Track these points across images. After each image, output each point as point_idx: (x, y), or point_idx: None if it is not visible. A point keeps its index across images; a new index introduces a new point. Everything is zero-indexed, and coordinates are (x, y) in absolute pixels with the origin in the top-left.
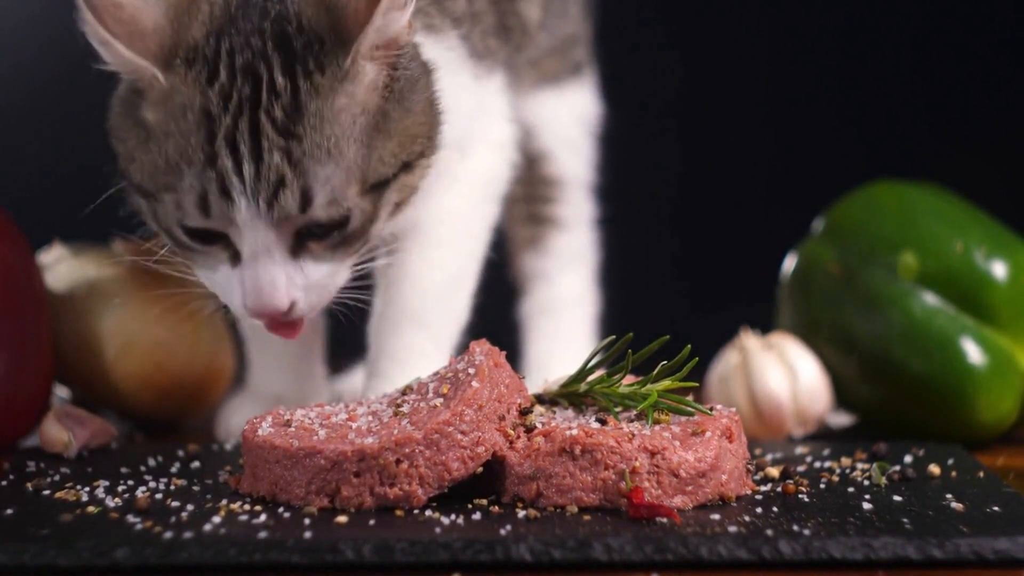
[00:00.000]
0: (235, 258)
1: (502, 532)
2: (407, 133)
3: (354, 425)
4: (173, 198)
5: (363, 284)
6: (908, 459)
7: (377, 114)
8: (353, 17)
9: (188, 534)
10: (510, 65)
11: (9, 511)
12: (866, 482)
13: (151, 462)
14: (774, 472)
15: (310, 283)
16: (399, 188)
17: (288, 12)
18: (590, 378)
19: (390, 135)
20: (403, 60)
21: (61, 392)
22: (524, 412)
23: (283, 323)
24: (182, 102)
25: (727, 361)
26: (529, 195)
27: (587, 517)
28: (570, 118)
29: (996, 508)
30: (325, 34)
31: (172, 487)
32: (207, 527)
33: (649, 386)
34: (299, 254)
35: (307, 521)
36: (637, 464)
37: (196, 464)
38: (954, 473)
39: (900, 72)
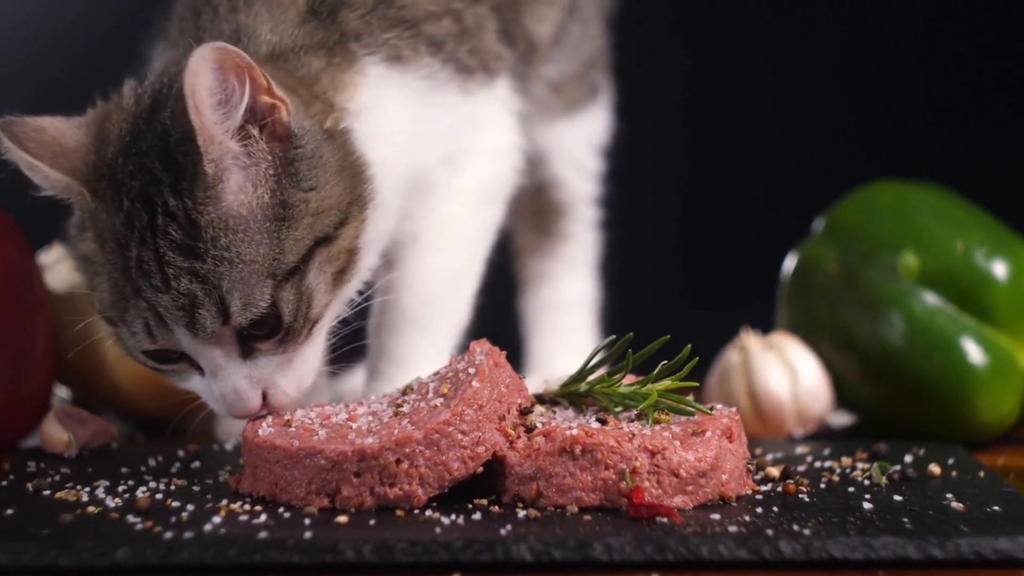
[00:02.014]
0: (200, 370)
1: (502, 532)
2: (315, 213)
3: (354, 425)
4: (125, 326)
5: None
6: (908, 459)
7: (274, 206)
8: (187, 118)
9: (188, 534)
10: (518, 74)
11: (9, 511)
12: (866, 482)
13: (151, 462)
14: (774, 472)
15: (271, 376)
16: (328, 260)
17: (168, 125)
18: (590, 378)
19: (296, 220)
20: (295, 139)
21: (61, 392)
22: (524, 412)
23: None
24: (102, 233)
25: (727, 361)
26: (537, 210)
27: (587, 517)
28: (582, 145)
29: (996, 508)
30: (188, 143)
31: (172, 487)
32: (207, 527)
33: (649, 386)
34: (250, 355)
35: (307, 521)
36: (637, 464)
37: (196, 464)
38: (954, 473)
39: (900, 72)
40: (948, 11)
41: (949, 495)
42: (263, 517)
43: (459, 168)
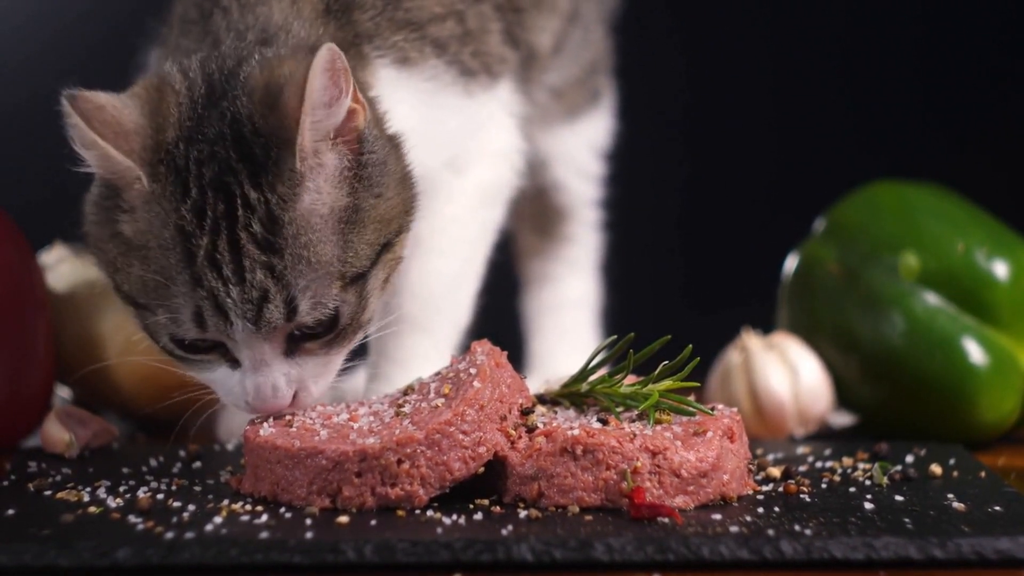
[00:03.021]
0: (233, 363)
1: (504, 532)
2: (382, 219)
3: (355, 425)
4: (167, 313)
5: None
6: (909, 459)
7: (347, 209)
8: (290, 114)
9: (189, 534)
10: (520, 76)
11: (10, 511)
12: (868, 482)
13: (152, 462)
14: (776, 472)
15: (306, 376)
16: (384, 266)
17: (240, 114)
18: (592, 378)
19: (365, 226)
20: (367, 145)
21: (62, 392)
22: (526, 412)
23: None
24: (159, 218)
25: (729, 361)
26: (538, 213)
27: (589, 517)
28: (584, 149)
29: (997, 508)
30: (273, 137)
31: (173, 487)
32: (208, 527)
33: (651, 386)
34: (294, 353)
35: (309, 521)
36: (639, 464)
37: (198, 464)
38: (955, 473)
39: (901, 73)
40: (948, 11)
41: (950, 495)
42: (264, 517)
43: (460, 170)
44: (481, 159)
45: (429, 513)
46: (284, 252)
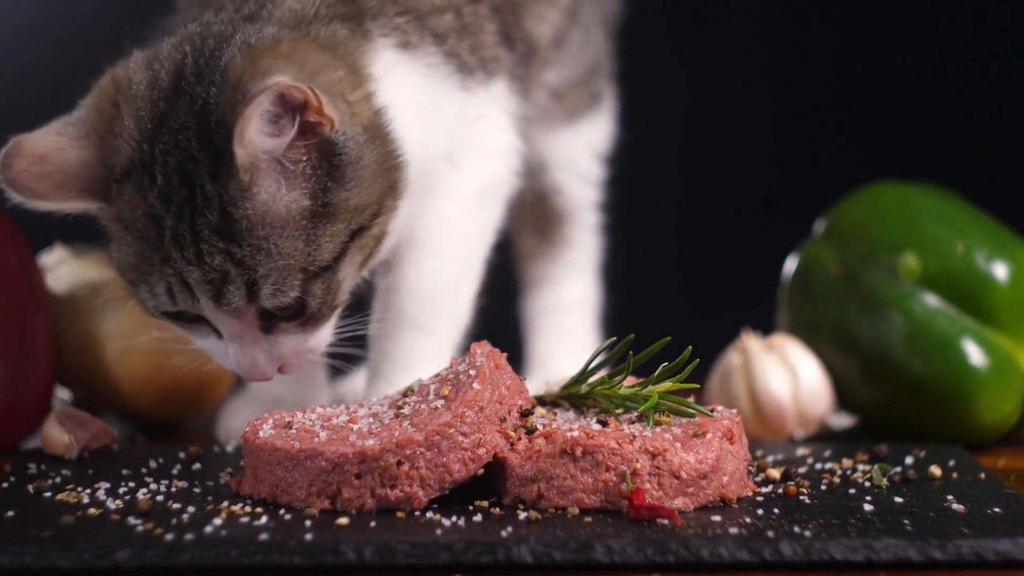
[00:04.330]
0: (218, 332)
1: (503, 534)
2: (353, 210)
3: (355, 427)
4: (147, 288)
5: (356, 334)
6: (909, 460)
7: (312, 207)
8: (233, 130)
9: (189, 536)
10: (517, 76)
11: (10, 513)
12: (867, 483)
13: (152, 464)
14: (775, 473)
15: (287, 352)
16: (360, 248)
17: (210, 103)
18: (591, 380)
19: (334, 218)
20: (337, 147)
21: (62, 394)
22: (525, 414)
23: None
24: (130, 211)
25: (728, 362)
26: (538, 216)
27: (588, 519)
28: (584, 152)
29: (997, 509)
30: (230, 135)
31: (173, 489)
32: (208, 529)
33: (650, 388)
34: (272, 330)
35: (308, 523)
36: (638, 466)
37: (197, 466)
38: (955, 474)
39: (901, 74)
40: (948, 12)
41: (950, 497)
42: (264, 519)
43: (457, 166)
44: (478, 157)
45: (429, 515)
46: (242, 243)
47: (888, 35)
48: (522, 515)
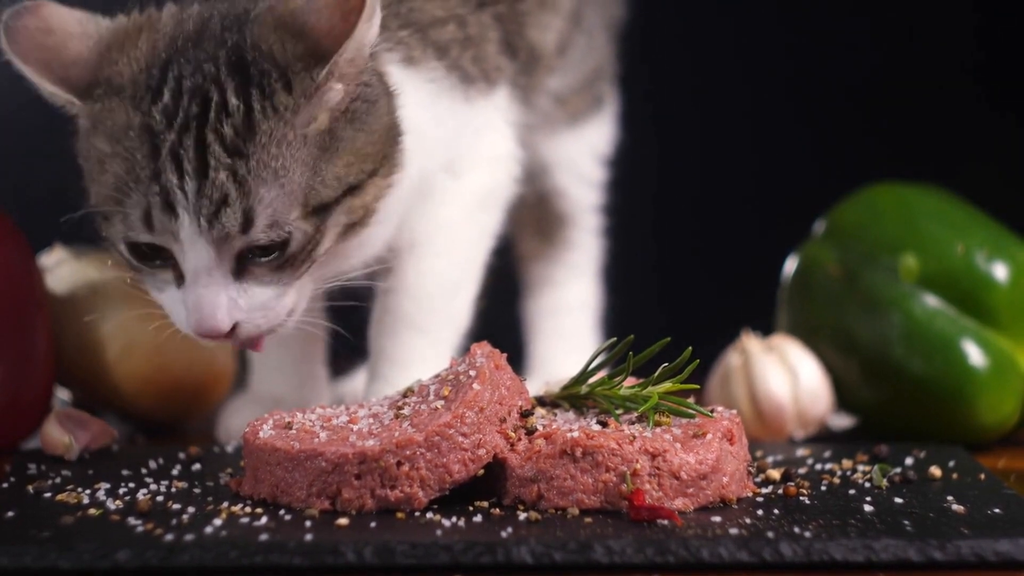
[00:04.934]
0: (180, 279)
1: (503, 534)
2: (357, 153)
3: (355, 427)
4: (120, 215)
5: (321, 306)
6: (909, 461)
7: (325, 134)
8: (328, 33)
9: (189, 536)
10: (519, 85)
11: (10, 513)
12: (867, 484)
13: (152, 464)
14: (775, 474)
15: (253, 305)
16: (347, 210)
17: (246, 41)
18: (591, 380)
19: (337, 155)
20: (364, 78)
21: (62, 394)
22: (525, 414)
23: (241, 340)
24: (122, 123)
25: (728, 363)
26: (540, 218)
27: (588, 519)
28: (586, 155)
29: (997, 510)
30: (292, 58)
31: (173, 489)
32: (208, 529)
33: (650, 388)
34: (242, 276)
35: (308, 523)
36: (638, 466)
37: (197, 466)
38: (955, 475)
39: (901, 74)
40: (948, 13)
41: (950, 497)
42: (264, 519)
43: (457, 175)
44: (478, 164)
45: (429, 515)
46: (250, 159)
47: (888, 35)
48: (522, 516)
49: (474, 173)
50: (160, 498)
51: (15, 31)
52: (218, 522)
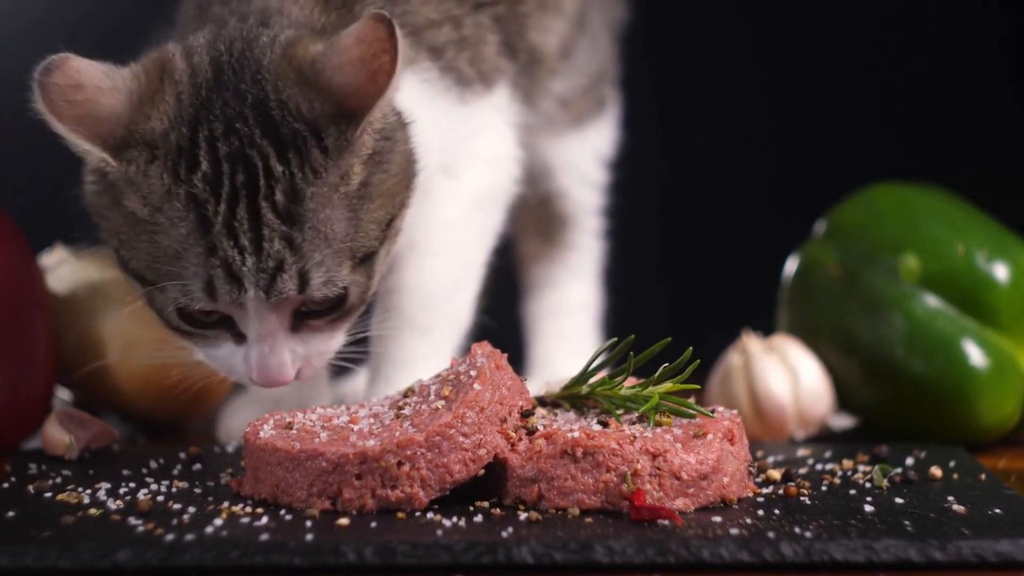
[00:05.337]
0: (239, 337)
1: (504, 534)
2: (388, 194)
3: (356, 427)
4: (177, 284)
5: (360, 336)
6: (910, 461)
7: (360, 187)
8: (355, 92)
9: (190, 536)
10: (520, 85)
11: (11, 513)
12: (868, 484)
13: (152, 464)
14: (776, 474)
15: (311, 353)
16: (390, 240)
17: (269, 98)
18: (592, 380)
19: (373, 201)
20: (388, 121)
21: (63, 394)
22: (526, 414)
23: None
24: (159, 190)
25: (729, 363)
26: (541, 220)
27: (589, 519)
28: (588, 157)
29: (998, 510)
30: (322, 118)
31: (174, 489)
32: (209, 529)
33: (651, 388)
34: (299, 329)
35: (309, 523)
36: (639, 466)
37: (198, 466)
38: (956, 475)
39: (901, 75)
40: (949, 14)
41: (950, 497)
42: (264, 519)
43: (457, 176)
44: (478, 164)
45: (429, 515)
46: (304, 224)
47: (888, 36)
48: (523, 516)
49: (473, 174)
50: (161, 498)
51: (47, 88)
52: (219, 522)
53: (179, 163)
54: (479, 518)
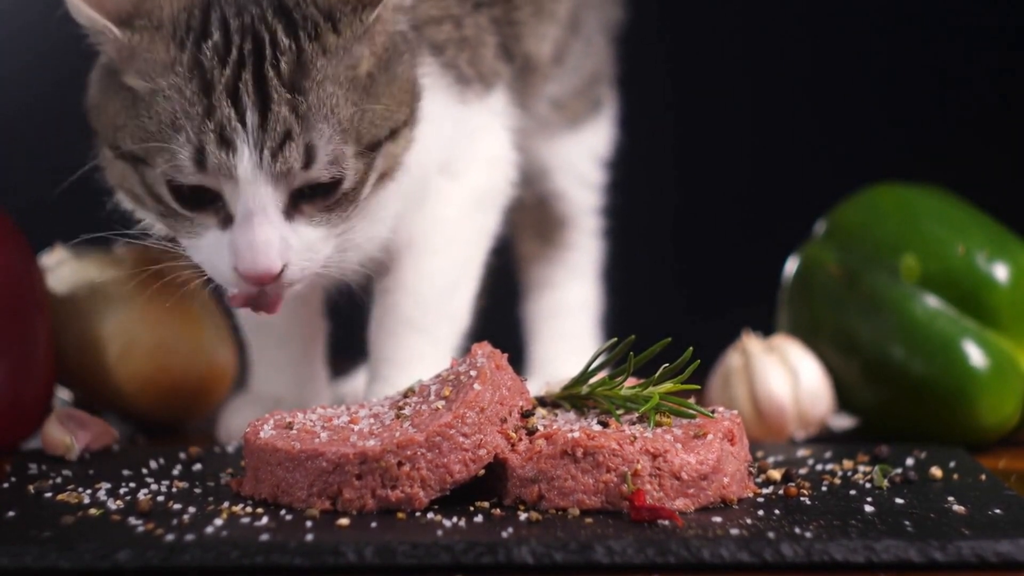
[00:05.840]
0: (226, 221)
1: (504, 535)
2: (392, 98)
3: (356, 427)
4: (167, 156)
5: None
6: (910, 461)
7: (367, 78)
8: None
9: (190, 536)
10: (516, 89)
11: (11, 513)
12: (868, 484)
13: (153, 464)
14: (776, 475)
15: (302, 245)
16: (385, 155)
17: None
18: (592, 380)
19: (378, 98)
20: (400, 27)
21: (63, 394)
22: (526, 415)
23: (265, 300)
24: (163, 60)
25: (729, 364)
26: (540, 221)
27: (589, 520)
28: (585, 158)
29: (998, 511)
30: (338, 2)
31: (174, 489)
32: (209, 529)
33: (651, 389)
34: (293, 216)
35: (309, 524)
36: (639, 467)
37: (198, 466)
38: (956, 476)
39: (902, 75)
40: (949, 14)
41: (950, 498)
42: (265, 519)
43: (454, 175)
44: (475, 165)
45: (429, 515)
46: (309, 95)
47: (889, 36)
48: (523, 516)
49: (471, 174)
50: (161, 498)
51: None
52: (219, 522)
53: (187, 36)
54: (479, 518)
